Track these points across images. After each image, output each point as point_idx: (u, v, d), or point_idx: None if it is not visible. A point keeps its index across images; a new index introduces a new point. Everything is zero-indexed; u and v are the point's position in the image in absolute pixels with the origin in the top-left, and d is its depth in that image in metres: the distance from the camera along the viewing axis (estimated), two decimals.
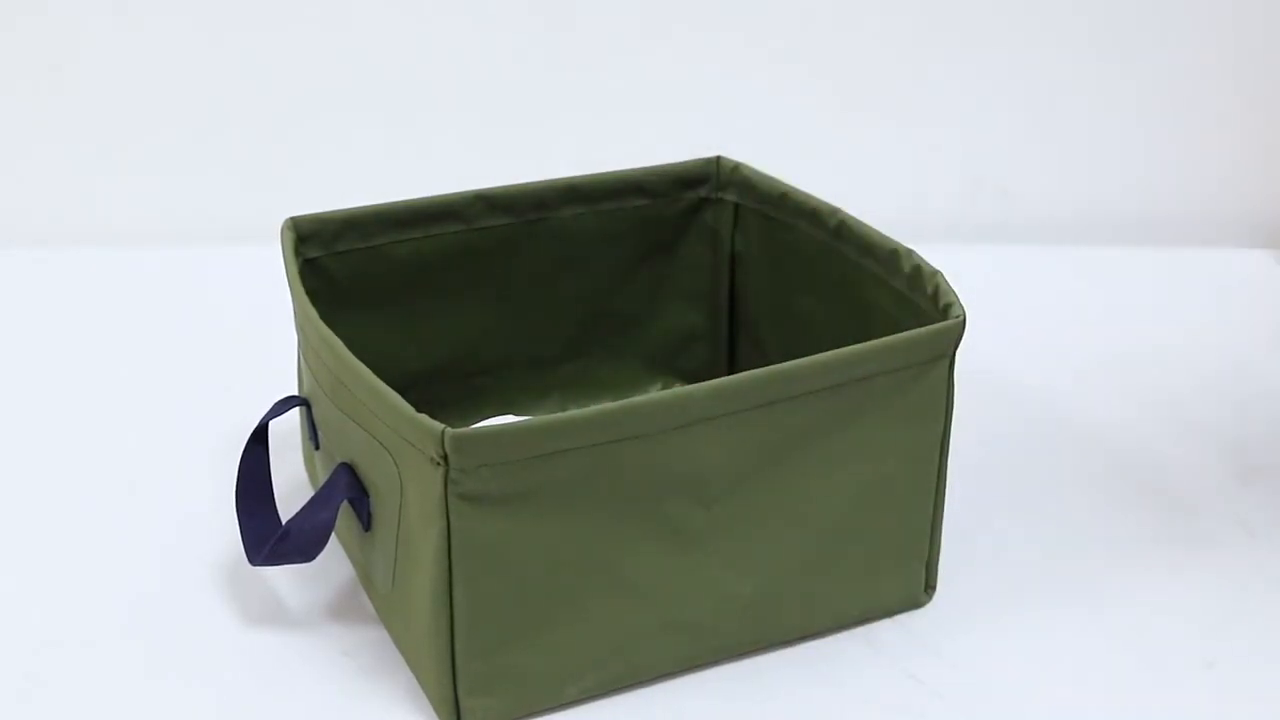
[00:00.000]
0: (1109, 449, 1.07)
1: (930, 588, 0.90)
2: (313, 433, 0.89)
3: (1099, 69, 1.44)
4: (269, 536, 0.83)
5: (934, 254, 0.89)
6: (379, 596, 0.85)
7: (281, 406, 0.88)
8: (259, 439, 0.88)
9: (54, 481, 1.02)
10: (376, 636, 0.86)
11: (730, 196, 1.05)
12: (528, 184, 1.01)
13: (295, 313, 0.90)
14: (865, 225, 0.93)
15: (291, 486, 0.98)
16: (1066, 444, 1.08)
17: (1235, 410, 1.13)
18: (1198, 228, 1.47)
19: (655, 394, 0.77)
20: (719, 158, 1.06)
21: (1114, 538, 0.97)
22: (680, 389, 0.77)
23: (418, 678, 0.82)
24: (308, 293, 0.87)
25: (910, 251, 0.89)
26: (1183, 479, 1.03)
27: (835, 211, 0.96)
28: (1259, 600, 0.91)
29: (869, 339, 0.81)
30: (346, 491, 0.81)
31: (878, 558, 0.86)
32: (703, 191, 1.06)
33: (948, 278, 0.86)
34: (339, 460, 0.83)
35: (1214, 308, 1.32)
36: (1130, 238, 1.47)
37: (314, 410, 0.88)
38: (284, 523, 0.82)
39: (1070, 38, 1.43)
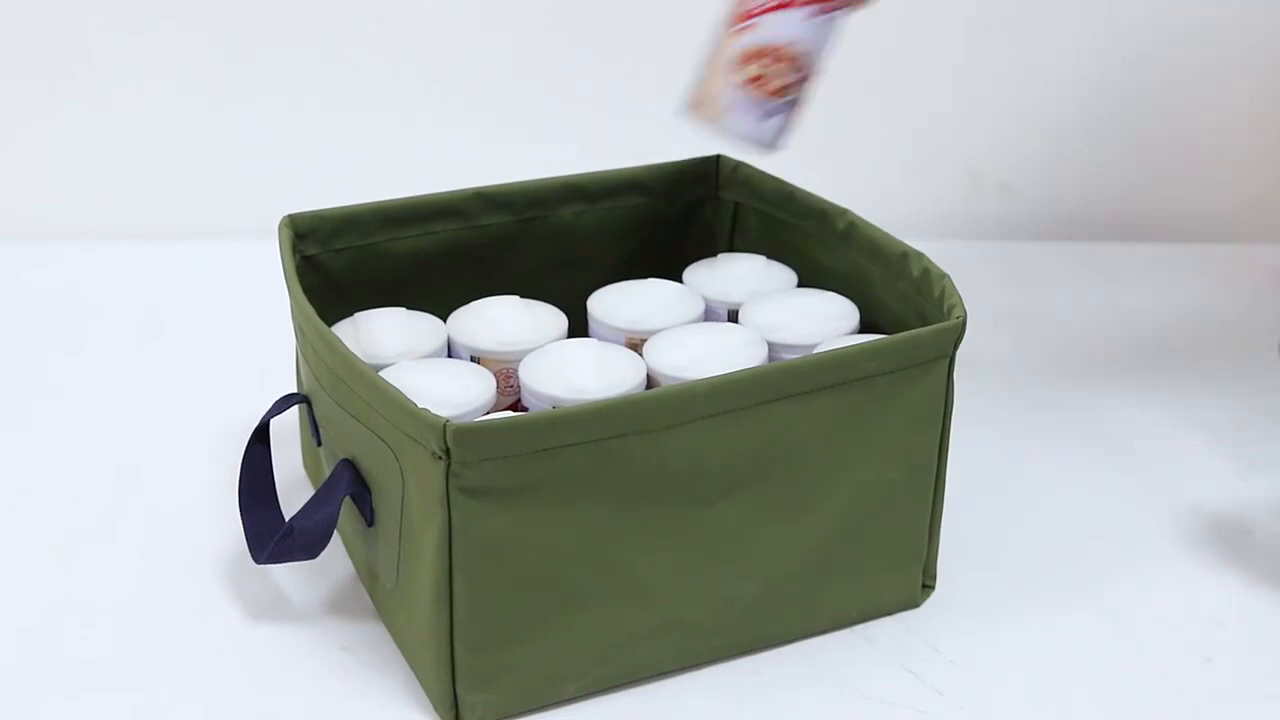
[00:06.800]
0: (1107, 446, 1.07)
1: (929, 586, 0.90)
2: (314, 430, 0.89)
3: (1098, 64, 1.44)
4: (272, 534, 0.83)
5: (934, 251, 0.90)
6: (380, 592, 0.85)
7: (282, 404, 0.88)
8: (260, 437, 0.87)
9: (55, 478, 1.02)
10: (376, 632, 0.86)
11: (730, 195, 1.05)
12: (527, 181, 1.01)
13: (293, 310, 0.90)
14: (874, 227, 0.93)
15: (290, 484, 0.98)
16: (1064, 441, 1.08)
17: (1235, 407, 1.13)
18: (1199, 223, 1.47)
19: (656, 389, 0.77)
20: (719, 156, 1.06)
21: (1113, 534, 0.97)
22: (681, 384, 0.77)
23: (417, 673, 0.82)
24: (305, 290, 0.87)
25: (920, 254, 0.89)
26: (1182, 475, 1.04)
27: (844, 213, 0.96)
28: (1257, 596, 0.91)
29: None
30: (348, 487, 0.81)
31: (877, 556, 0.86)
32: (702, 190, 1.06)
33: (951, 277, 0.86)
34: (340, 457, 0.83)
35: (1214, 304, 1.32)
36: (1130, 233, 1.47)
37: (315, 407, 0.88)
38: (287, 520, 0.82)
39: (1069, 33, 1.43)
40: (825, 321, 0.93)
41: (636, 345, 0.92)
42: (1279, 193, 1.48)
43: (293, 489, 0.97)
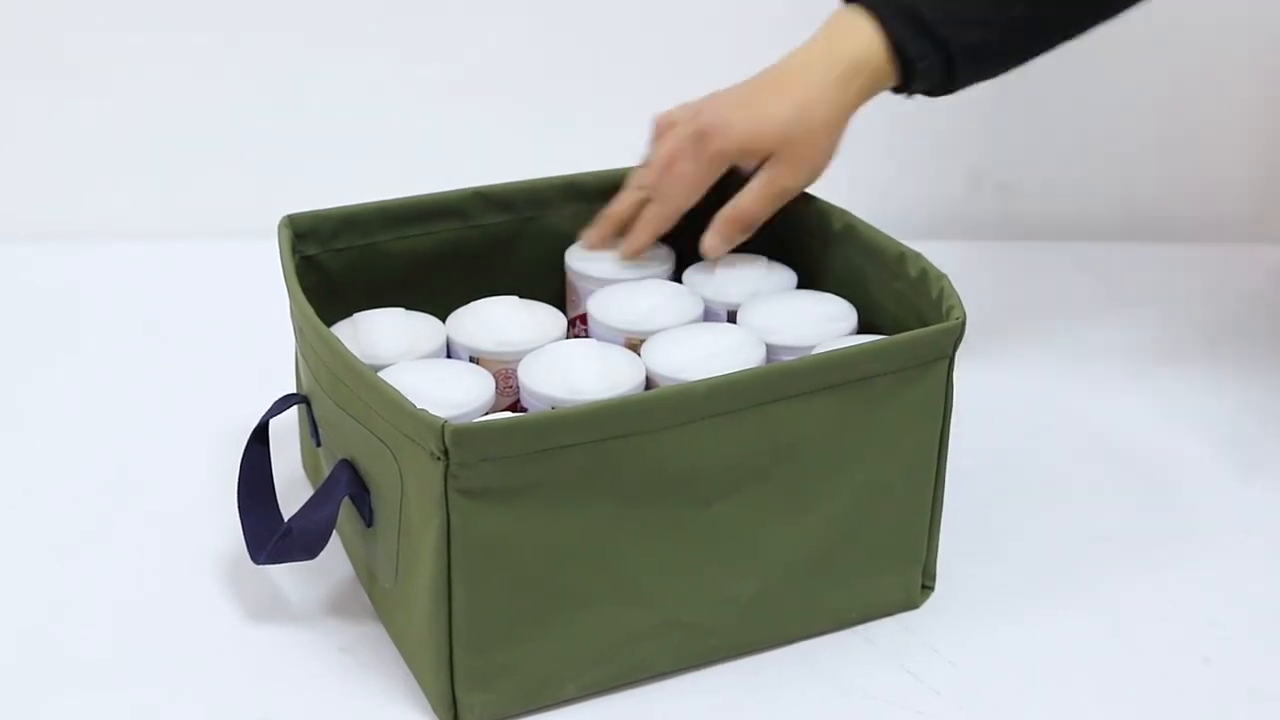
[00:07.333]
0: (1107, 446, 1.07)
1: (928, 587, 0.90)
2: (313, 430, 0.89)
3: (1099, 64, 1.44)
4: (271, 535, 0.83)
5: (934, 251, 0.90)
6: (379, 592, 0.85)
7: (281, 404, 0.88)
8: (260, 438, 0.87)
9: (53, 479, 1.02)
10: (375, 633, 0.86)
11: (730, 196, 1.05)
12: (526, 181, 1.01)
13: (292, 311, 0.90)
14: (872, 227, 0.93)
15: (289, 484, 0.98)
16: (1064, 442, 1.08)
17: (1235, 407, 1.13)
18: (1199, 223, 1.47)
19: (656, 390, 0.77)
20: None
21: (1112, 535, 0.97)
22: (680, 385, 0.77)
23: (415, 674, 0.82)
24: (305, 290, 0.87)
25: (918, 255, 0.89)
26: (1181, 476, 1.04)
27: (842, 213, 0.96)
28: (1256, 596, 0.91)
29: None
30: (347, 488, 0.81)
31: (876, 557, 0.86)
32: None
33: (950, 278, 0.86)
34: (339, 457, 0.83)
35: (1214, 303, 1.32)
36: (1130, 233, 1.47)
37: (314, 407, 0.88)
38: (286, 521, 0.82)
39: None
40: (824, 323, 0.93)
41: (635, 345, 0.92)
42: (1279, 193, 1.48)
43: (292, 489, 0.97)
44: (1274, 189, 1.48)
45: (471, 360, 0.92)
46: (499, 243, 1.01)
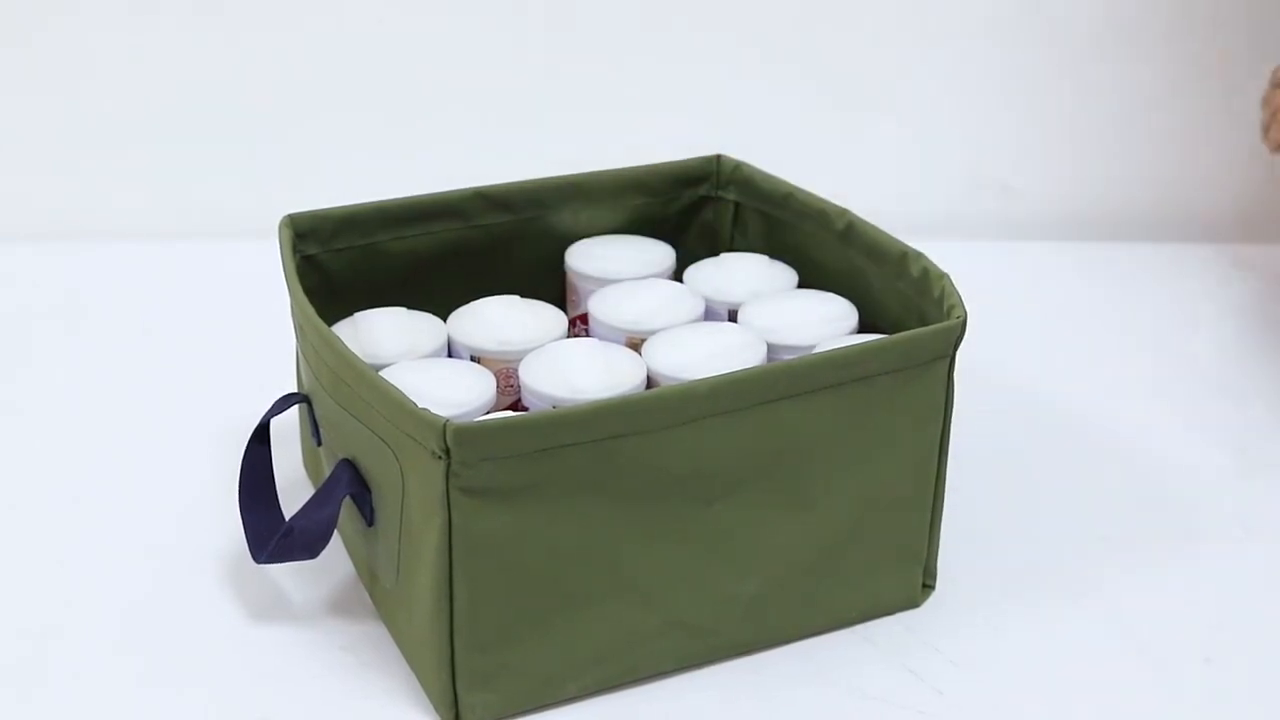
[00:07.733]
0: (1107, 446, 1.07)
1: (929, 586, 0.90)
2: (314, 429, 0.89)
3: (1100, 64, 1.44)
4: (272, 534, 0.83)
5: (934, 251, 0.90)
6: (380, 592, 0.85)
7: (282, 404, 0.88)
8: (261, 437, 0.87)
9: (54, 478, 1.02)
10: (376, 632, 0.86)
11: (730, 195, 1.06)
12: (527, 181, 1.01)
13: (293, 310, 0.90)
14: (873, 227, 0.93)
15: (290, 484, 0.98)
16: (1066, 441, 1.08)
17: (1235, 406, 1.13)
18: (1199, 223, 1.48)
19: (657, 389, 0.77)
20: (719, 156, 1.06)
21: (1112, 535, 0.97)
22: (682, 384, 0.77)
23: (417, 673, 0.82)
24: (305, 290, 0.87)
25: (920, 254, 0.89)
26: (1182, 475, 1.04)
27: (844, 213, 0.96)
28: (1257, 596, 0.91)
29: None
30: (349, 487, 0.81)
31: (877, 557, 0.86)
32: (703, 190, 1.06)
33: (951, 277, 0.86)
34: (340, 456, 0.83)
35: (1214, 303, 1.32)
36: (1130, 233, 1.47)
37: (315, 407, 0.88)
38: (287, 520, 0.82)
39: (1071, 33, 1.43)
40: (825, 322, 0.93)
41: (636, 345, 0.92)
42: (1278, 193, 1.49)
43: (293, 489, 0.97)
44: (1272, 189, 1.48)
45: (473, 359, 0.92)
46: (499, 243, 1.01)
